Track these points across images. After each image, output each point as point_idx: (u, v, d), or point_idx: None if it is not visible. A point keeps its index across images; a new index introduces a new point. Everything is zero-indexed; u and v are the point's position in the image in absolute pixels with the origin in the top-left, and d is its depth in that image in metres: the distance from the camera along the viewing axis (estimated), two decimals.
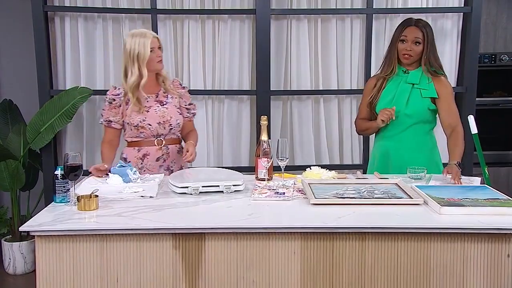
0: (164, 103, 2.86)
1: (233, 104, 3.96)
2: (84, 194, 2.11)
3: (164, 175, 2.70)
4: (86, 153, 3.86)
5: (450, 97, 2.79)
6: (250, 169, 3.77)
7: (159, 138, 2.84)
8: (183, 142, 2.98)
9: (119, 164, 2.61)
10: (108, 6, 3.83)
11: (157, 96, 2.86)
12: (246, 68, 3.94)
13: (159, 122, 2.80)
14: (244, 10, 3.86)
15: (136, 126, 2.79)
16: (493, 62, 5.13)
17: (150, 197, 2.26)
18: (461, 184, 2.39)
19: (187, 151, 2.69)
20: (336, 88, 3.99)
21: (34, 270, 3.77)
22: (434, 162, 2.81)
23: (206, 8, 3.87)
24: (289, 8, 3.92)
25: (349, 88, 3.99)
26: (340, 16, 3.93)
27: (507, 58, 5.14)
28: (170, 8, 3.85)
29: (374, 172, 2.72)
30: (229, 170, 2.66)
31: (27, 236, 3.83)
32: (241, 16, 3.88)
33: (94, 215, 2.01)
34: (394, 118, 2.72)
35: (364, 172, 3.30)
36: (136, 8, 3.84)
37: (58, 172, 2.13)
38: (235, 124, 3.98)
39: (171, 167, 2.86)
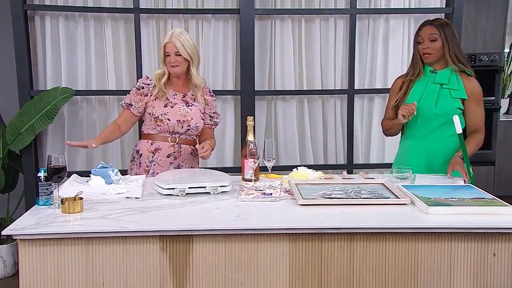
0: (190, 104, 2.88)
1: (217, 104, 3.93)
2: (68, 196, 2.07)
3: (146, 175, 2.69)
4: (68, 155, 3.79)
5: (479, 100, 2.74)
6: (235, 170, 3.76)
7: (173, 136, 2.84)
8: (198, 145, 2.96)
9: (100, 165, 2.56)
10: (89, 5, 3.78)
11: (185, 96, 2.89)
12: (230, 68, 3.93)
13: (179, 120, 2.82)
14: (228, 10, 3.84)
15: (156, 117, 2.80)
16: (473, 62, 5.20)
17: (136, 198, 2.23)
18: (467, 179, 2.42)
19: (202, 148, 2.69)
20: (320, 88, 3.99)
21: (15, 274, 3.74)
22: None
23: (189, 8, 3.84)
24: (273, 8, 3.91)
25: (333, 88, 4.00)
26: (324, 16, 3.94)
27: (487, 59, 5.21)
28: (153, 7, 3.82)
29: (359, 172, 2.72)
30: (215, 171, 2.64)
31: (6, 239, 3.75)
32: (225, 16, 3.87)
33: (78, 217, 1.97)
34: (415, 113, 2.62)
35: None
36: (118, 7, 3.79)
37: (41, 174, 2.08)
38: (220, 125, 3.94)
39: (182, 166, 2.86)
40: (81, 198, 2.05)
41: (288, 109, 4.01)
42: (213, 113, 3.00)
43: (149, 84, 2.87)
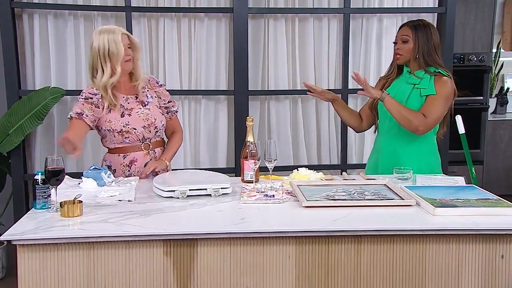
0: (146, 103, 2.70)
1: (210, 104, 3.89)
2: (66, 199, 2.01)
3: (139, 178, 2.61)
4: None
5: (443, 97, 2.65)
6: (228, 171, 3.71)
7: (145, 143, 2.69)
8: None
9: (92, 167, 2.50)
10: (79, 3, 3.70)
11: (137, 97, 2.70)
12: (223, 67, 3.88)
13: (144, 126, 2.65)
14: (221, 8, 3.80)
15: (120, 131, 2.61)
16: (462, 62, 5.24)
17: (129, 200, 2.18)
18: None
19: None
20: None
21: (3, 278, 3.65)
22: (427, 163, 2.76)
23: (182, 6, 3.79)
24: (266, 7, 3.87)
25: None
26: (317, 15, 3.92)
27: (475, 59, 5.25)
28: (145, 5, 3.76)
29: (359, 173, 2.70)
30: (212, 172, 2.59)
31: None
32: (218, 15, 3.82)
33: (78, 221, 1.91)
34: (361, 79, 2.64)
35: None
36: (109, 5, 3.72)
37: (39, 177, 2.02)
38: (212, 125, 3.91)
39: (160, 171, 2.67)
40: (80, 201, 1.99)
41: (282, 109, 3.98)
42: (168, 102, 2.78)
43: (96, 94, 2.59)
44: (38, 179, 2.02)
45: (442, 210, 1.95)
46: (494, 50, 5.54)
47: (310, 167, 3.02)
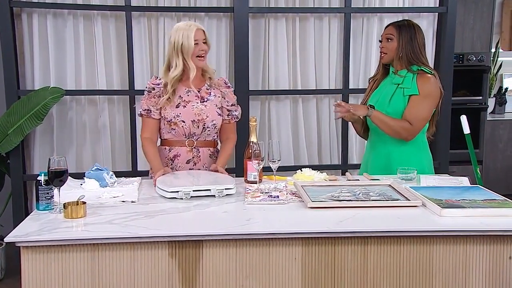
0: (205, 99, 2.67)
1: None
2: (69, 200, 1.99)
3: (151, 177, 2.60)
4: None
5: (425, 96, 2.64)
6: (228, 171, 3.63)
7: (190, 139, 2.66)
8: (219, 145, 2.81)
9: (95, 168, 2.48)
10: (79, 3, 3.68)
11: (199, 91, 2.68)
12: (224, 67, 3.87)
13: (193, 120, 2.62)
14: (222, 8, 3.79)
15: (169, 121, 2.62)
16: (461, 62, 5.23)
17: (132, 201, 2.16)
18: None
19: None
20: (315, 88, 3.96)
21: (2, 279, 3.61)
22: (418, 162, 2.77)
23: (182, 6, 3.77)
24: (267, 6, 3.86)
25: (327, 88, 3.97)
26: (318, 15, 3.91)
27: (474, 58, 5.25)
28: (145, 5, 3.74)
29: (363, 173, 2.69)
30: (214, 172, 2.56)
31: None
32: (219, 14, 3.80)
33: (82, 223, 1.89)
34: (344, 105, 2.68)
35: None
36: (109, 5, 3.70)
37: (42, 178, 2.00)
38: None
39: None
40: (84, 203, 1.97)
41: (282, 109, 3.96)
42: (231, 105, 2.74)
43: (158, 84, 2.66)
44: (41, 180, 1.99)
45: (449, 211, 1.94)
46: (493, 50, 5.54)
47: (310, 167, 3.02)
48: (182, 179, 2.40)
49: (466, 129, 2.43)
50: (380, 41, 2.82)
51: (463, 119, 2.43)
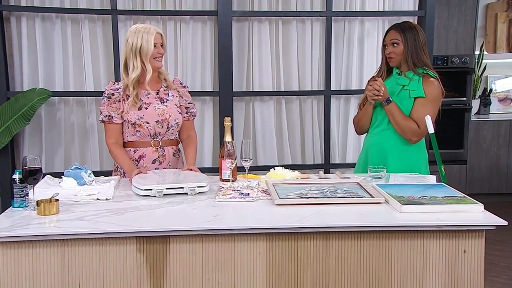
0: (165, 100, 2.76)
1: (196, 105, 3.94)
2: (43, 198, 2.06)
3: (125, 177, 2.67)
4: (45, 157, 3.78)
5: (431, 100, 2.74)
6: (214, 170, 3.77)
7: (155, 139, 2.75)
8: (180, 144, 2.90)
9: (74, 167, 2.55)
10: (66, 6, 3.76)
11: (158, 93, 2.76)
12: (209, 69, 3.94)
13: (157, 121, 2.70)
14: (206, 11, 3.86)
15: (133, 124, 2.68)
16: (445, 64, 5.33)
17: (106, 199, 2.22)
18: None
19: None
20: (298, 89, 4.03)
21: None
22: (415, 160, 2.83)
23: (167, 9, 3.84)
24: (250, 10, 3.93)
25: (310, 89, 4.04)
26: (301, 18, 3.99)
27: (458, 61, 5.34)
28: (131, 9, 3.82)
29: (336, 172, 2.76)
30: (192, 172, 2.64)
31: None
32: (203, 18, 3.88)
33: (54, 219, 1.96)
34: (382, 88, 2.72)
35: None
36: (95, 8, 3.78)
37: (16, 176, 2.07)
38: (198, 126, 3.96)
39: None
40: (57, 200, 2.04)
41: (266, 110, 4.04)
42: (189, 103, 2.86)
43: (117, 89, 2.71)
44: (16, 178, 2.07)
45: (408, 207, 2.01)
46: (477, 52, 5.61)
47: (294, 166, 3.10)
48: (158, 178, 2.47)
49: (431, 129, 2.50)
50: (385, 45, 2.85)
51: (428, 119, 2.50)
